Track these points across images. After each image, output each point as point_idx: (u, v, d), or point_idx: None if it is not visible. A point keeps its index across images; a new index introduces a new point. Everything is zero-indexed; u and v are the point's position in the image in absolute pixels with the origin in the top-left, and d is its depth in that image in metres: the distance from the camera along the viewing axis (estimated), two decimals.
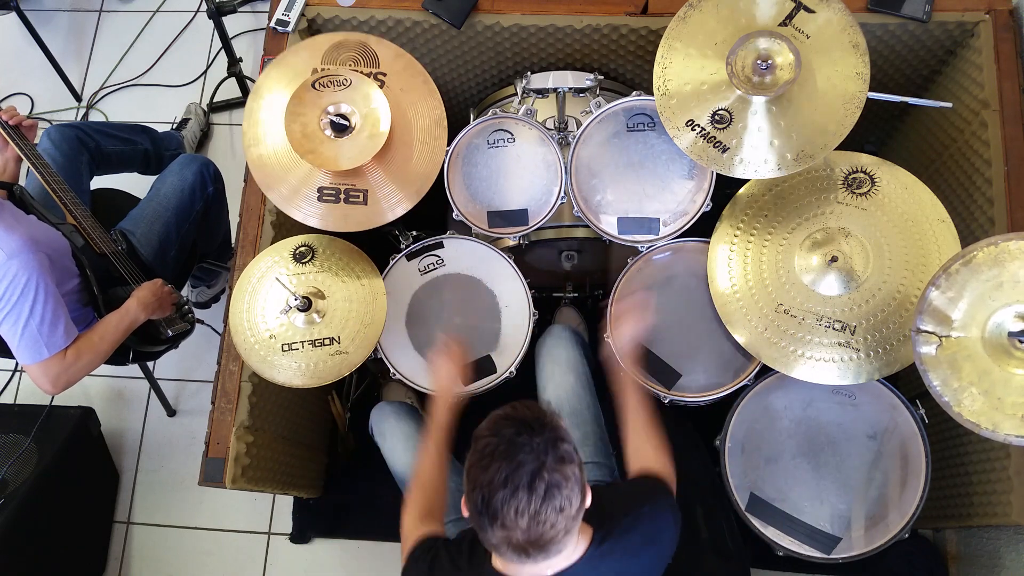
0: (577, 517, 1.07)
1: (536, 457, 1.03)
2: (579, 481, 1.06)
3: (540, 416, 1.08)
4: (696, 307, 1.76)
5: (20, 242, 1.59)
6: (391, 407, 1.80)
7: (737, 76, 1.52)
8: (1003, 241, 1.32)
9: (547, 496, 1.01)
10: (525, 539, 1.03)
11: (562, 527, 1.04)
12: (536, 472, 1.02)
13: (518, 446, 1.04)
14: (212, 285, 2.52)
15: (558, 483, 1.02)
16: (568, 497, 1.03)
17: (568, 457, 1.05)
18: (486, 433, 1.08)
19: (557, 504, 1.02)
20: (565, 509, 1.03)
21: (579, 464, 1.07)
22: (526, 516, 1.01)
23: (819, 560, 1.61)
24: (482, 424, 1.11)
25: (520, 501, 1.01)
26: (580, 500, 1.06)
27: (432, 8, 1.93)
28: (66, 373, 1.66)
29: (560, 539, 1.05)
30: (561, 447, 1.05)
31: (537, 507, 1.01)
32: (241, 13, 2.47)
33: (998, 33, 1.83)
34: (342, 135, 1.57)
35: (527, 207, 1.80)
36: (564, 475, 1.03)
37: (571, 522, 1.06)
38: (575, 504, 1.05)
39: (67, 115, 2.88)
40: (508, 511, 1.02)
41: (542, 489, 1.01)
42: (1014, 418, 1.31)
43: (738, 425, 1.69)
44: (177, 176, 2.08)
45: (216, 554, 2.34)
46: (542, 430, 1.05)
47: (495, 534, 1.04)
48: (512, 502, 1.01)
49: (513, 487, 1.02)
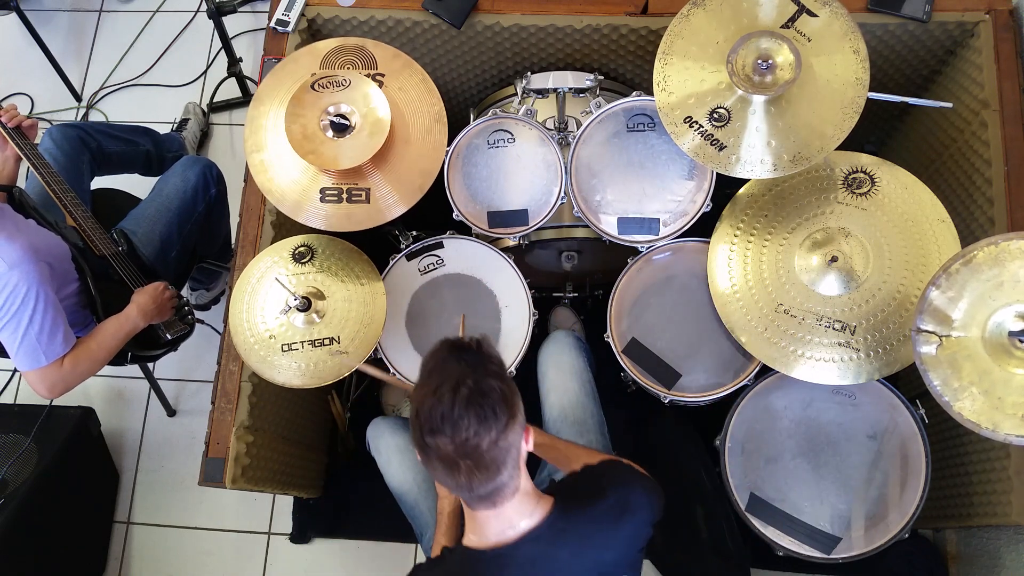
0: (507, 434, 1.06)
1: (463, 370, 1.07)
2: (505, 398, 1.07)
3: (473, 342, 1.13)
4: (696, 307, 1.76)
5: (21, 252, 1.59)
6: (386, 422, 1.80)
7: (737, 75, 1.52)
8: (1003, 241, 1.32)
9: (470, 402, 1.04)
10: (453, 449, 1.05)
11: (488, 439, 1.04)
12: (460, 380, 1.06)
13: (448, 361, 1.09)
14: (211, 288, 2.51)
15: (482, 391, 1.05)
16: (492, 407, 1.05)
17: (495, 375, 1.08)
18: (427, 357, 1.13)
19: (480, 412, 1.04)
20: (488, 419, 1.04)
21: (512, 390, 1.09)
22: (450, 421, 1.04)
23: (819, 560, 1.61)
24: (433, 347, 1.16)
25: (444, 406, 1.04)
26: (507, 417, 1.07)
27: (432, 8, 1.94)
28: (63, 380, 1.67)
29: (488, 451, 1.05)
30: (489, 365, 1.09)
31: (460, 411, 1.04)
32: (241, 13, 2.47)
33: (998, 33, 1.83)
34: (342, 135, 1.57)
35: (527, 207, 1.80)
36: (488, 386, 1.06)
37: (498, 435, 1.05)
38: (501, 417, 1.05)
39: (67, 115, 2.88)
40: (434, 416, 1.05)
41: (464, 393, 1.05)
42: (1014, 418, 1.31)
43: (738, 425, 1.69)
44: (180, 177, 2.08)
45: (216, 554, 2.34)
46: (474, 351, 1.11)
47: (427, 449, 1.07)
48: (437, 407, 1.05)
49: (439, 394, 1.05)
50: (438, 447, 1.05)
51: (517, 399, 1.10)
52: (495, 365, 1.10)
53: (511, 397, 1.09)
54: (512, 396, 1.09)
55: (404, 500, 1.71)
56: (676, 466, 1.91)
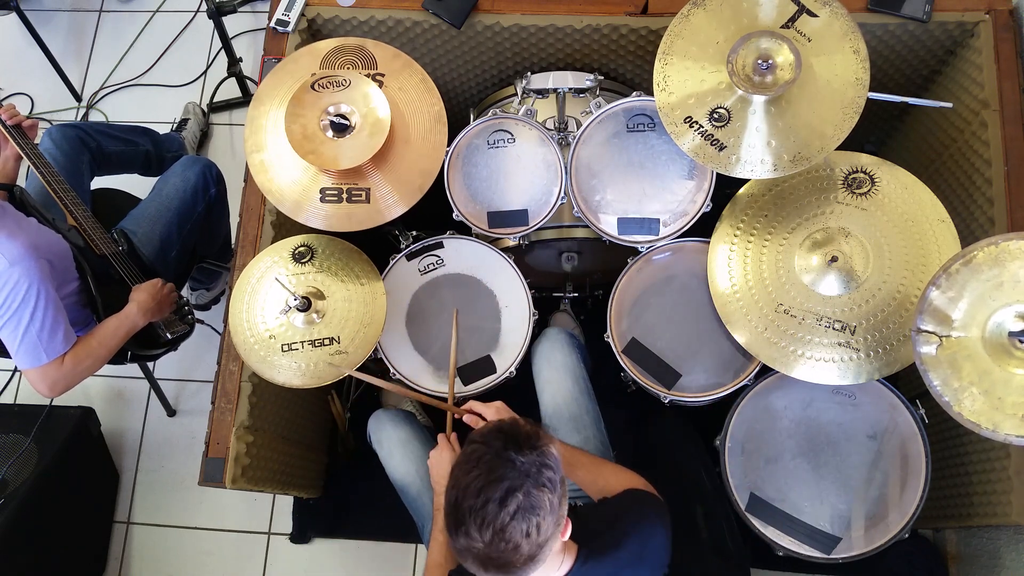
0: (545, 547, 1.04)
1: (516, 475, 1.02)
2: (554, 511, 1.04)
3: (534, 436, 1.07)
4: (696, 307, 1.76)
5: (22, 249, 1.59)
6: (387, 415, 1.80)
7: (737, 75, 1.52)
8: (1003, 241, 1.32)
9: (516, 516, 1.00)
10: (485, 554, 1.02)
11: (526, 552, 1.02)
12: (511, 490, 1.01)
13: (503, 460, 1.03)
14: (211, 288, 2.51)
15: (531, 507, 1.01)
16: (538, 524, 1.01)
17: (549, 486, 1.03)
18: (478, 439, 1.08)
19: (524, 528, 1.00)
20: (532, 535, 1.01)
21: (560, 496, 1.05)
22: (490, 531, 1.00)
23: (819, 560, 1.61)
24: (479, 428, 1.11)
25: (488, 514, 1.00)
26: (553, 530, 1.04)
27: (432, 8, 1.94)
28: (64, 378, 1.67)
29: (522, 565, 1.03)
30: (545, 473, 1.04)
31: (503, 524, 1.00)
32: (241, 13, 2.47)
33: (998, 33, 1.83)
34: (342, 135, 1.57)
35: (527, 207, 1.80)
36: (540, 501, 1.02)
37: (536, 550, 1.03)
38: (545, 532, 1.02)
39: (67, 115, 2.88)
40: (474, 520, 1.01)
41: (513, 508, 1.00)
42: (1014, 418, 1.31)
43: (738, 425, 1.69)
44: (180, 177, 2.08)
45: (216, 554, 2.34)
46: (532, 451, 1.04)
47: (458, 540, 1.04)
48: (480, 512, 1.01)
49: (485, 498, 1.01)
50: (471, 547, 1.02)
51: (564, 504, 1.06)
52: (551, 470, 1.05)
53: (560, 506, 1.04)
54: (561, 505, 1.05)
55: (406, 493, 1.71)
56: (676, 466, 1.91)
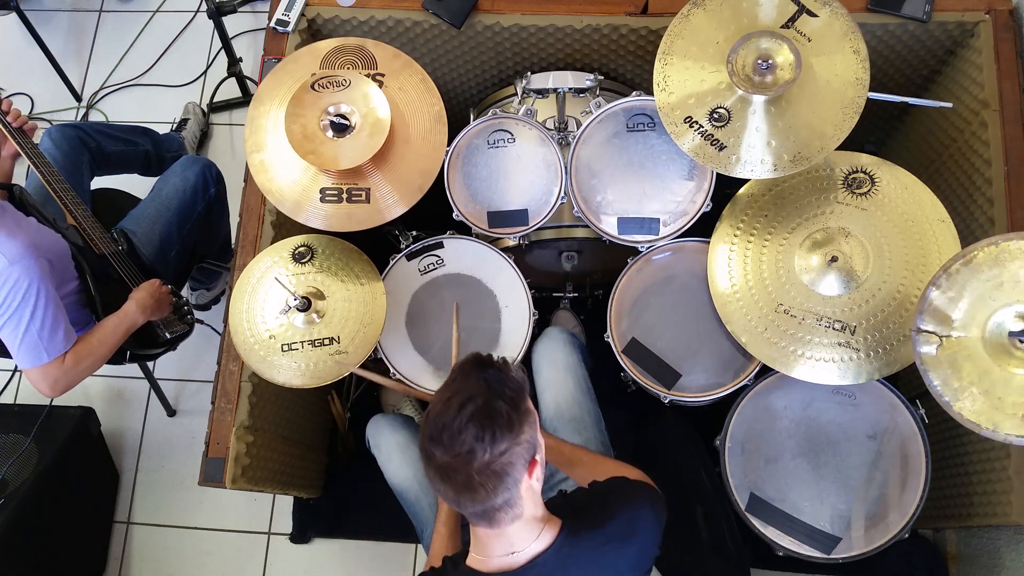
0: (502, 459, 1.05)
1: (476, 386, 1.07)
2: (511, 425, 1.06)
3: (501, 362, 1.12)
4: (696, 307, 1.76)
5: (22, 248, 1.59)
6: (386, 419, 1.80)
7: (737, 75, 1.52)
8: (1003, 241, 1.32)
9: (472, 420, 1.03)
10: (446, 462, 1.04)
11: (479, 458, 1.03)
12: (470, 397, 1.05)
13: (468, 377, 1.09)
14: (212, 288, 2.51)
15: (487, 413, 1.04)
16: (493, 432, 1.03)
17: (508, 401, 1.06)
18: (457, 366, 1.14)
19: (478, 432, 1.03)
20: (485, 440, 1.03)
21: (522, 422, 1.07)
22: (448, 433, 1.04)
23: (819, 560, 1.61)
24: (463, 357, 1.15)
25: (448, 418, 1.05)
26: (509, 444, 1.05)
27: (432, 8, 1.94)
28: (65, 377, 1.67)
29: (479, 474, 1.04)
30: (505, 389, 1.07)
31: (460, 427, 1.03)
32: (241, 13, 2.47)
33: (998, 33, 1.83)
34: (342, 135, 1.57)
35: (527, 207, 1.80)
36: (495, 410, 1.05)
37: (491, 458, 1.04)
38: (500, 443, 1.04)
39: (67, 115, 2.88)
40: (436, 427, 1.06)
41: (469, 411, 1.04)
42: (1014, 418, 1.31)
43: (738, 425, 1.69)
44: (179, 177, 2.08)
45: (216, 554, 2.34)
46: (497, 370, 1.10)
47: (424, 458, 1.07)
48: (441, 418, 1.05)
49: (447, 406, 1.06)
50: (434, 456, 1.06)
51: (526, 428, 1.08)
52: (512, 390, 1.08)
53: (518, 425, 1.06)
54: (519, 425, 1.07)
55: (405, 497, 1.71)
56: (676, 466, 1.91)
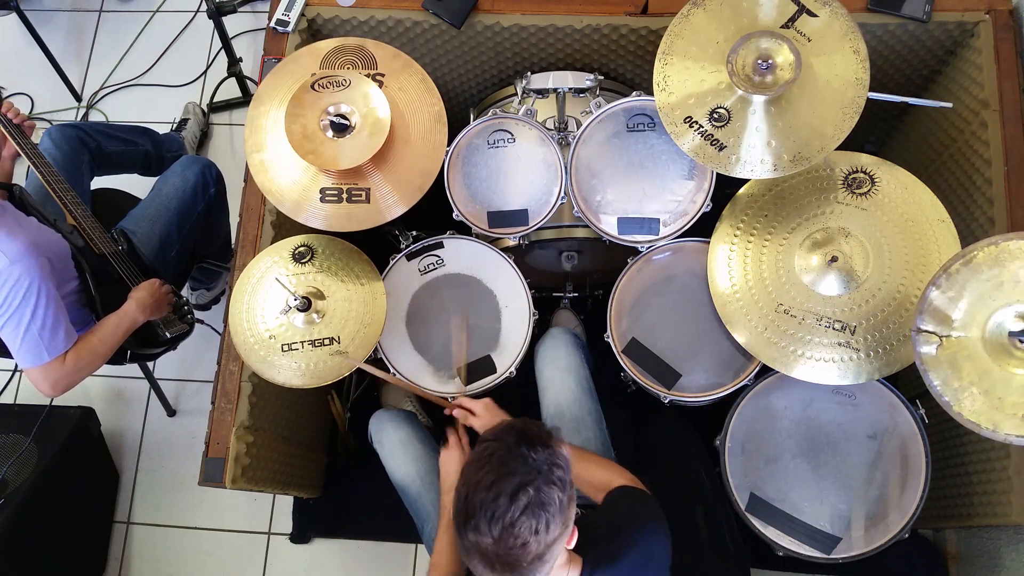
0: (553, 547, 1.04)
1: (528, 471, 1.02)
2: (563, 511, 1.04)
3: (546, 435, 1.07)
4: (696, 307, 1.76)
5: (22, 247, 1.59)
6: (388, 415, 1.80)
7: (737, 75, 1.52)
8: (1003, 241, 1.32)
9: (525, 512, 1.00)
10: (494, 551, 1.02)
11: (533, 551, 1.02)
12: (522, 485, 1.02)
13: (515, 455, 1.04)
14: (212, 287, 2.51)
15: (541, 503, 1.02)
16: (547, 522, 1.02)
17: (559, 484, 1.04)
18: (490, 436, 1.08)
19: (533, 524, 1.01)
20: (540, 533, 1.01)
21: (569, 497, 1.06)
22: (499, 526, 1.01)
23: (819, 560, 1.61)
24: (492, 427, 1.12)
25: (498, 508, 1.01)
26: (560, 530, 1.04)
27: (432, 8, 1.94)
28: (66, 377, 1.67)
29: (528, 566, 1.03)
30: (555, 471, 1.04)
31: (513, 519, 1.00)
32: (241, 13, 2.47)
33: (998, 33, 1.83)
34: (342, 135, 1.57)
35: (527, 207, 1.80)
36: (550, 498, 1.02)
37: (544, 549, 1.03)
38: (553, 531, 1.03)
39: (67, 115, 2.88)
40: (483, 514, 1.01)
41: (523, 503, 1.01)
42: (1014, 418, 1.31)
43: (738, 425, 1.69)
44: (179, 177, 2.08)
45: (216, 554, 2.34)
46: (543, 448, 1.05)
47: (466, 536, 1.04)
48: (490, 506, 1.01)
49: (496, 492, 1.01)
50: (479, 544, 1.03)
51: (573, 507, 1.06)
52: (562, 469, 1.05)
53: (568, 508, 1.05)
54: (570, 506, 1.05)
55: (407, 493, 1.71)
56: (676, 466, 1.91)
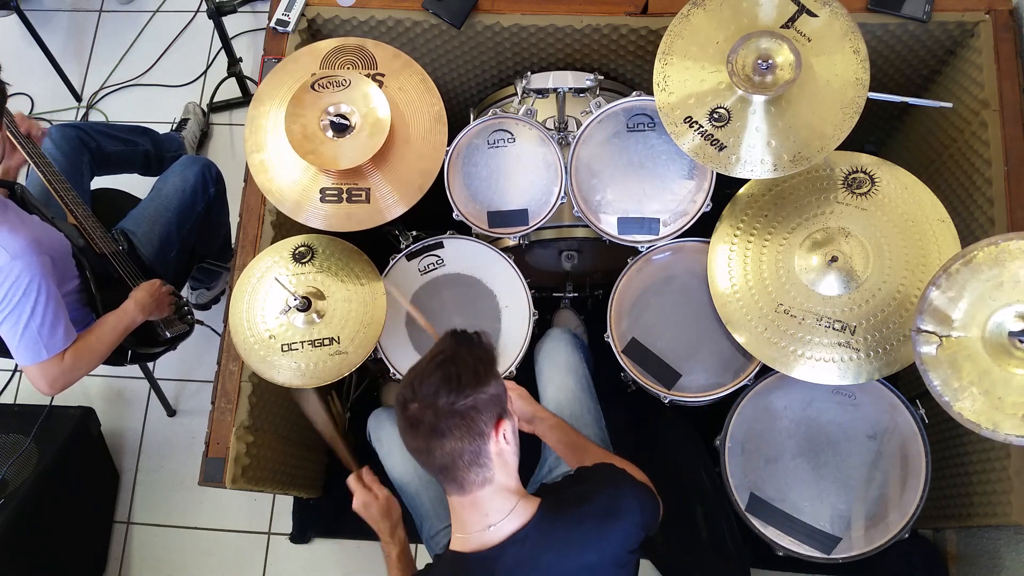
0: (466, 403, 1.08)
1: (448, 344, 1.15)
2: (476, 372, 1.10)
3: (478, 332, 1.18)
4: (696, 307, 1.76)
5: (24, 243, 1.59)
6: (387, 413, 1.80)
7: (737, 75, 1.52)
8: (1003, 241, 1.32)
9: (438, 365, 1.10)
10: (416, 408, 1.08)
11: (444, 400, 1.07)
12: (440, 350, 1.13)
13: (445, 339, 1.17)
14: (212, 287, 2.51)
15: (454, 359, 1.11)
16: (457, 374, 1.09)
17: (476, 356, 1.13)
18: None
19: (444, 375, 1.08)
20: (451, 382, 1.08)
21: (485, 368, 1.12)
22: (417, 378, 1.10)
23: (819, 560, 1.61)
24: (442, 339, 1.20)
25: (419, 368, 1.12)
26: (471, 389, 1.09)
27: (432, 8, 1.94)
28: (64, 375, 1.66)
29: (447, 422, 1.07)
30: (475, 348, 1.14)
31: (428, 370, 1.10)
32: (241, 13, 2.47)
33: (998, 33, 1.83)
34: (342, 135, 1.57)
35: (527, 207, 1.80)
36: (461, 356, 1.12)
37: (456, 401, 1.07)
38: (464, 387, 1.08)
39: (67, 115, 2.88)
40: (408, 376, 1.12)
41: (439, 359, 1.11)
42: (1014, 418, 1.31)
43: (738, 425, 1.69)
44: (179, 177, 2.08)
45: (216, 554, 2.34)
46: (471, 336, 1.17)
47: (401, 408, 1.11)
48: (414, 370, 1.13)
49: (420, 361, 1.15)
50: (406, 406, 1.10)
51: (492, 383, 1.12)
52: (481, 350, 1.15)
53: (484, 377, 1.11)
54: (484, 377, 1.11)
55: (405, 491, 1.72)
56: (676, 466, 1.91)
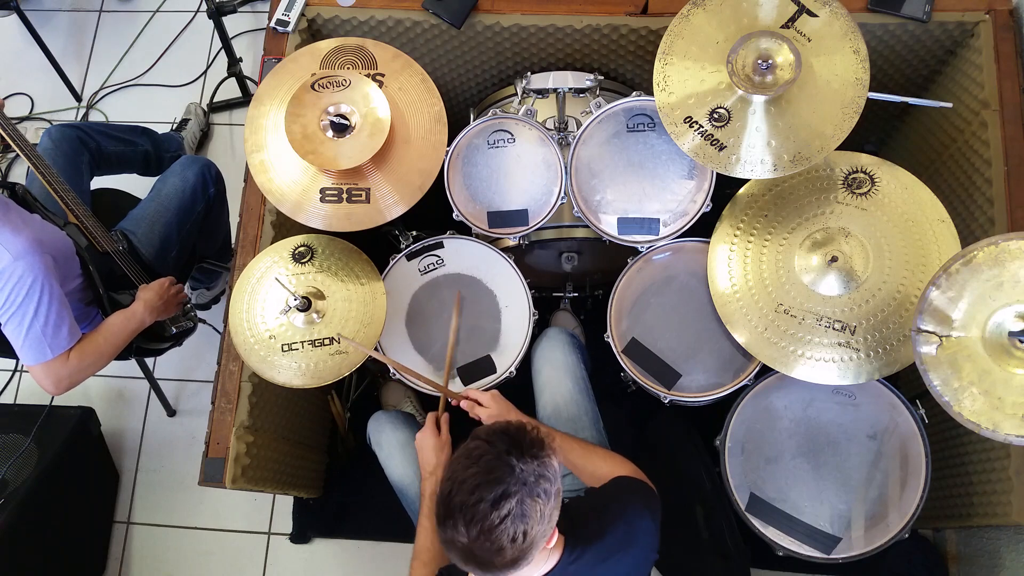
0: (529, 552, 1.06)
1: (514, 481, 1.04)
2: (544, 520, 1.06)
3: (538, 445, 1.08)
4: (696, 307, 1.76)
5: (26, 243, 1.59)
6: (387, 416, 1.80)
7: (737, 75, 1.52)
8: (1003, 241, 1.32)
9: (505, 520, 1.02)
10: (468, 549, 1.04)
11: (508, 556, 1.04)
12: (506, 495, 1.03)
13: (503, 463, 1.05)
14: (212, 287, 2.52)
15: (523, 514, 1.03)
16: (526, 532, 1.04)
17: (544, 497, 1.06)
18: (482, 436, 1.09)
19: (512, 532, 1.03)
20: (518, 540, 1.03)
21: (553, 508, 1.07)
22: (477, 529, 1.02)
23: (819, 560, 1.61)
24: (484, 426, 1.12)
25: (478, 513, 1.03)
26: (540, 538, 1.06)
27: (432, 8, 1.94)
28: (69, 375, 1.66)
29: (502, 567, 1.05)
30: (542, 484, 1.06)
31: (492, 525, 1.02)
32: (241, 13, 2.47)
33: (998, 33, 1.84)
34: (342, 135, 1.57)
35: (527, 207, 1.80)
36: (532, 510, 1.04)
37: (520, 555, 1.05)
38: (531, 539, 1.05)
39: (67, 115, 2.88)
40: (463, 516, 1.03)
41: (504, 512, 1.02)
42: (1014, 418, 1.31)
43: (738, 425, 1.69)
44: (179, 177, 2.08)
45: (216, 554, 2.34)
46: (533, 460, 1.06)
47: (445, 531, 1.06)
48: (471, 510, 1.03)
49: (478, 497, 1.03)
50: (455, 540, 1.05)
51: (556, 514, 1.08)
52: (548, 482, 1.07)
53: (550, 518, 1.07)
54: (552, 515, 1.07)
55: (405, 495, 1.71)
56: (676, 466, 1.91)
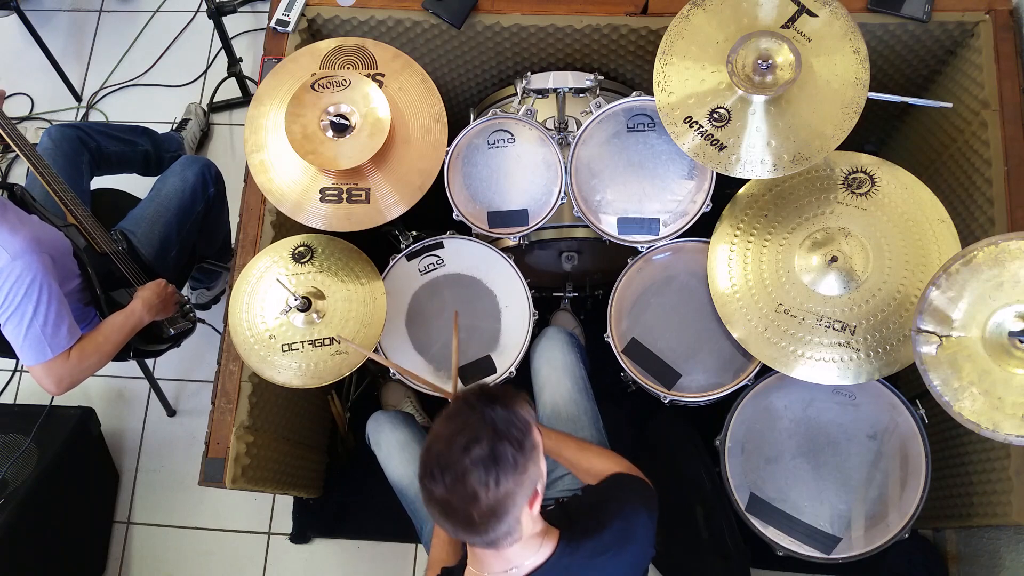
0: (505, 502, 1.05)
1: (483, 426, 1.05)
2: (518, 469, 1.05)
3: (508, 397, 1.10)
4: (696, 307, 1.76)
5: (24, 243, 1.59)
6: (386, 416, 1.80)
7: (737, 75, 1.52)
8: (1003, 241, 1.32)
9: (476, 464, 1.03)
10: (445, 500, 1.04)
11: (484, 503, 1.03)
12: (475, 439, 1.04)
13: (474, 412, 1.07)
14: (211, 287, 2.51)
15: (493, 458, 1.04)
16: (497, 475, 1.03)
17: (514, 443, 1.06)
18: (461, 396, 1.12)
19: (483, 476, 1.03)
20: (490, 486, 1.03)
21: (527, 461, 1.07)
22: (451, 475, 1.03)
23: (819, 560, 1.61)
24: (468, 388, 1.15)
25: (451, 458, 1.04)
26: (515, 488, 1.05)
27: (432, 8, 1.94)
28: (70, 374, 1.66)
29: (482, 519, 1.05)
30: (511, 430, 1.06)
31: (464, 469, 1.03)
32: (241, 13, 2.47)
33: (998, 33, 1.84)
34: (342, 135, 1.57)
35: (527, 207, 1.80)
36: (502, 454, 1.04)
37: (495, 503, 1.04)
38: (504, 486, 1.04)
39: (67, 115, 2.88)
40: (437, 463, 1.05)
41: (475, 455, 1.03)
42: (1014, 418, 1.31)
43: (738, 425, 1.69)
44: (178, 177, 2.08)
45: (216, 554, 2.34)
46: (503, 408, 1.08)
47: (424, 486, 1.07)
48: (444, 456, 1.05)
49: (450, 443, 1.05)
50: (435, 492, 1.05)
51: (531, 467, 1.08)
52: (519, 430, 1.08)
53: (523, 466, 1.07)
54: (524, 465, 1.07)
55: (404, 495, 1.71)
56: (676, 466, 1.91)
